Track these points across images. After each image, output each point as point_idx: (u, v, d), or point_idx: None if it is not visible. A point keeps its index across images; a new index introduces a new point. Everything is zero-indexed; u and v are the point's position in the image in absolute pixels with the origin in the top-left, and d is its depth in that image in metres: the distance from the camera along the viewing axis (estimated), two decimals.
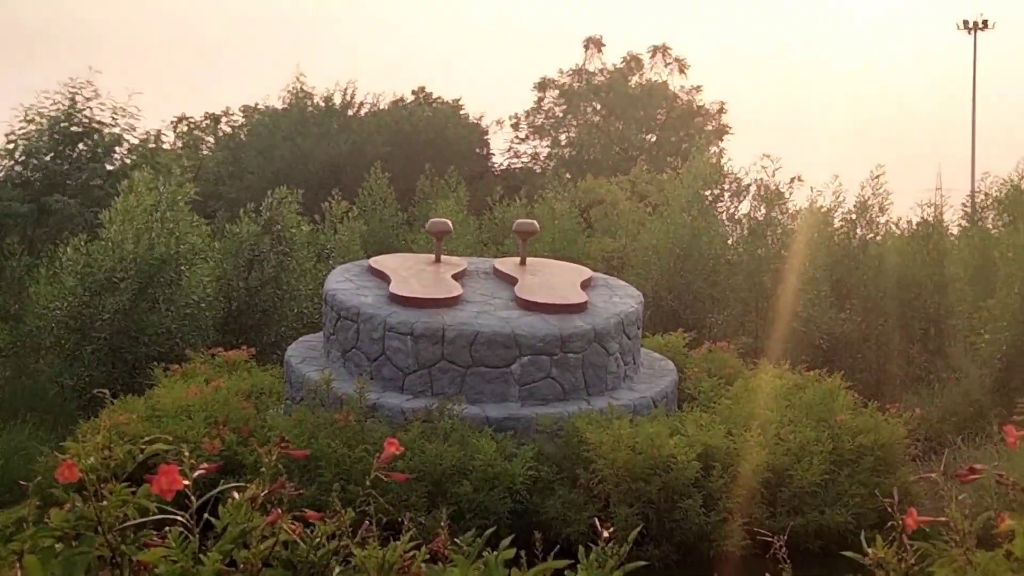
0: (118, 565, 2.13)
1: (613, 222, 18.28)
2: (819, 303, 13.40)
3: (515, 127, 37.93)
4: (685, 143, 33.03)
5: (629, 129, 37.15)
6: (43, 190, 16.30)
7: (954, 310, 13.41)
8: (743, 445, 7.92)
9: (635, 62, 38.38)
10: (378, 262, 10.56)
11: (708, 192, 15.51)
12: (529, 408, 8.74)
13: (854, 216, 14.36)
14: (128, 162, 17.15)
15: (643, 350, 10.28)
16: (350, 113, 30.09)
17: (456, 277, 10.05)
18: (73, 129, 16.93)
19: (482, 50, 67.51)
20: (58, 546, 2.08)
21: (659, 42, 38.85)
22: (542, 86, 38.57)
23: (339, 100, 29.99)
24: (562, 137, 37.91)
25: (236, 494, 2.37)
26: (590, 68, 38.95)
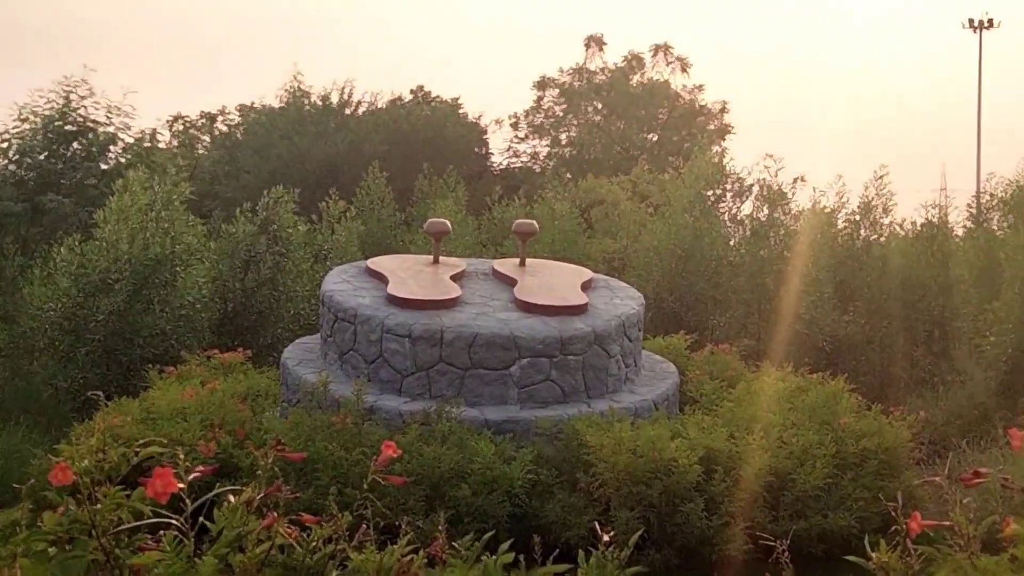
0: (112, 569, 2.13)
1: (614, 223, 18.22)
2: (822, 305, 13.32)
3: (514, 126, 37.85)
4: (687, 143, 32.96)
5: (630, 128, 37.04)
6: (37, 189, 16.21)
7: (959, 312, 13.36)
8: (745, 448, 7.87)
9: (636, 61, 38.27)
10: (376, 263, 10.49)
11: (710, 192, 15.46)
12: (528, 411, 8.67)
13: (858, 217, 14.27)
14: (123, 161, 17.06)
15: (644, 352, 10.22)
16: (348, 112, 30.01)
17: (455, 278, 9.98)
18: (67, 128, 16.84)
19: (482, 49, 67.58)
20: (52, 550, 2.09)
21: (660, 41, 38.82)
22: (542, 85, 38.46)
23: (336, 99, 29.91)
24: (562, 136, 37.81)
25: (232, 497, 2.40)
26: (591, 67, 38.85)
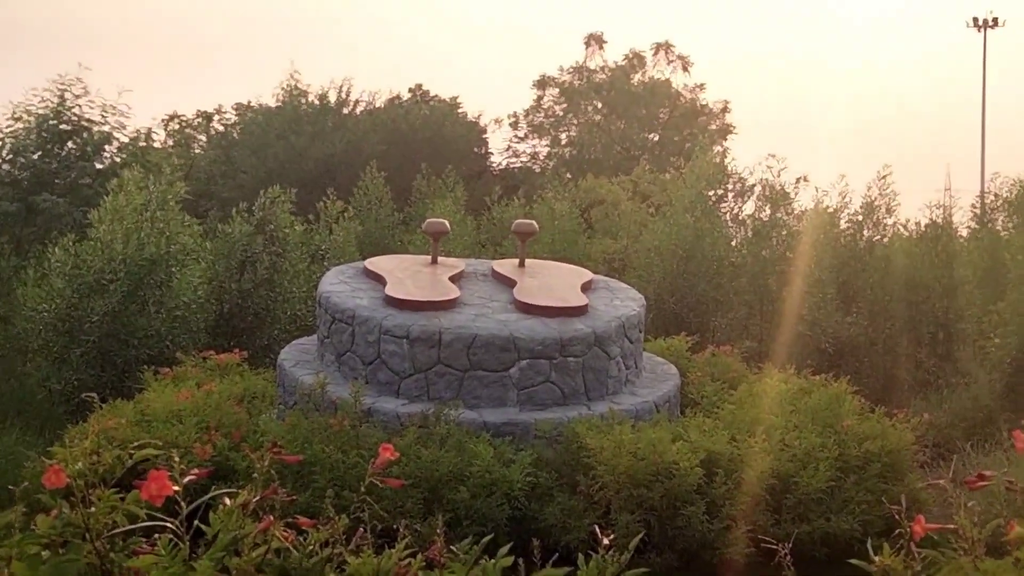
0: (107, 573, 2.12)
1: (614, 223, 18.16)
2: (825, 306, 13.23)
3: (514, 126, 37.76)
4: (688, 142, 32.86)
5: (631, 128, 36.94)
6: (31, 189, 16.12)
7: (963, 313, 13.29)
8: (747, 451, 7.80)
9: (637, 59, 38.16)
10: (374, 264, 10.40)
11: (712, 192, 15.38)
12: (528, 413, 8.58)
13: (861, 217, 14.17)
14: (118, 161, 16.95)
15: (645, 354, 10.15)
16: (345, 111, 29.91)
17: (453, 279, 9.90)
18: (62, 127, 16.74)
19: (481, 49, 67.62)
20: (45, 553, 2.07)
21: (660, 40, 38.68)
22: (542, 84, 38.36)
23: (334, 98, 29.80)
24: (562, 136, 37.72)
25: (227, 500, 2.39)
26: (591, 65, 38.75)
